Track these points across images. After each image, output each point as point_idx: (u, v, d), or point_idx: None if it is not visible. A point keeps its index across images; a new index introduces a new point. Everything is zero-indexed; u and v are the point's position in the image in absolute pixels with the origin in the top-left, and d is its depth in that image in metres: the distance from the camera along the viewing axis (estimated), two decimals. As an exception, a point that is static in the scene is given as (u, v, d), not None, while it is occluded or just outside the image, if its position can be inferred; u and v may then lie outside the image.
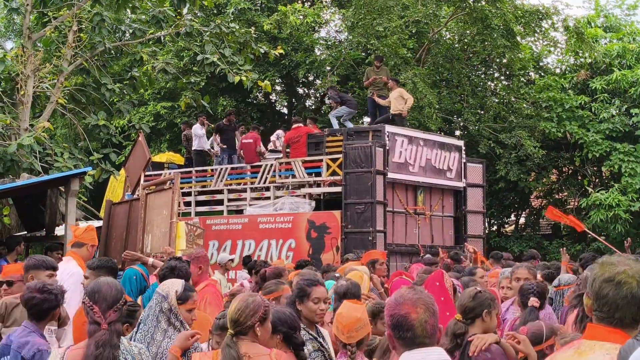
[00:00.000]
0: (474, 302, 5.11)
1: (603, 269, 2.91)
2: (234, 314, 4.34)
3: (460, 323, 5.07)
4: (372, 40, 22.94)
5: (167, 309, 5.04)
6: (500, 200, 26.78)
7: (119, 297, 4.32)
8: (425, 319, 3.21)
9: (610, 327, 2.83)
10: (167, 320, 5.04)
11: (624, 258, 2.93)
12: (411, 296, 3.29)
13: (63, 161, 14.32)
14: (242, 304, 4.39)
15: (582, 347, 2.88)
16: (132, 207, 12.52)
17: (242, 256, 16.31)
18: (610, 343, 2.77)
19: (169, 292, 5.11)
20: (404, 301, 3.27)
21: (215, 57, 16.37)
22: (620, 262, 2.89)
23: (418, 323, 3.19)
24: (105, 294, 4.28)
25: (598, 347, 2.80)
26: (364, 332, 4.64)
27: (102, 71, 16.26)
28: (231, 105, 25.68)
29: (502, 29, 23.95)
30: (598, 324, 2.89)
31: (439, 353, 3.22)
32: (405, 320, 3.20)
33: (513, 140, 23.73)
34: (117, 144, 17.30)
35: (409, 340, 3.19)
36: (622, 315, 2.82)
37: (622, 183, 22.56)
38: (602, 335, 2.83)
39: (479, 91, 26.13)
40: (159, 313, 5.04)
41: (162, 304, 5.06)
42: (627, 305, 2.80)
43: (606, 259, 2.97)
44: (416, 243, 17.23)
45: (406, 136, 17.42)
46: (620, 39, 26.44)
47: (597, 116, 24.05)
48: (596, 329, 2.88)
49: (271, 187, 17.85)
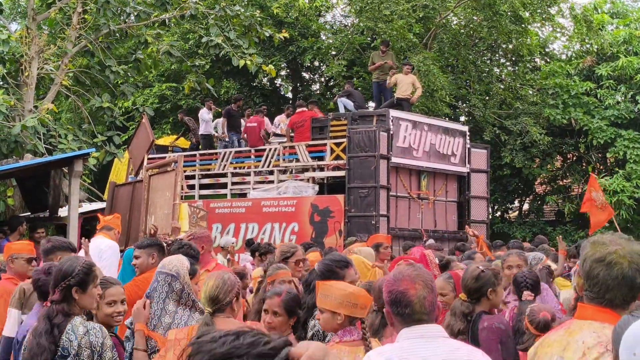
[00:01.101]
0: (478, 282, 5.12)
1: (594, 248, 2.88)
2: (213, 291, 4.34)
3: (466, 303, 5.10)
4: (380, 24, 22.88)
5: (180, 288, 4.74)
6: (504, 185, 26.76)
7: (65, 276, 4.29)
8: (424, 295, 3.21)
9: (600, 307, 2.82)
10: (177, 301, 4.73)
11: (616, 237, 2.90)
12: (410, 272, 3.29)
13: (67, 143, 14.35)
14: (219, 281, 4.39)
15: (572, 326, 2.87)
16: (135, 189, 12.57)
17: (245, 239, 16.33)
18: (599, 322, 2.76)
19: (179, 270, 4.79)
20: (402, 277, 3.26)
21: (220, 39, 16.34)
22: (612, 241, 2.86)
23: (417, 299, 3.19)
24: (56, 272, 4.31)
25: (587, 326, 2.79)
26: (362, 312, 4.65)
27: (107, 53, 16.25)
28: (235, 88, 25.67)
29: (510, 16, 23.88)
30: (588, 303, 2.88)
31: (437, 330, 3.22)
32: (404, 296, 3.20)
33: (518, 127, 23.69)
34: (121, 126, 17.32)
35: (407, 317, 3.19)
36: (612, 296, 2.80)
37: (627, 169, 22.53)
38: (592, 315, 2.82)
39: (485, 77, 26.06)
40: (169, 294, 4.73)
41: (173, 284, 4.74)
42: (617, 286, 2.78)
43: (597, 239, 2.93)
44: (419, 228, 17.24)
45: (410, 121, 17.39)
46: (626, 25, 26.32)
47: (603, 103, 23.98)
48: (586, 309, 2.87)
49: (275, 171, 17.86)
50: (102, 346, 4.24)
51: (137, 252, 6.72)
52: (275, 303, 4.83)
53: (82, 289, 4.38)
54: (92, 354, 4.20)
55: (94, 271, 4.52)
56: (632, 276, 2.77)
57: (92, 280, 4.46)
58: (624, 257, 2.79)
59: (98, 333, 4.27)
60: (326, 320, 4.27)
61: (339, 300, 4.20)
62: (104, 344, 4.26)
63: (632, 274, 2.77)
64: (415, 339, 3.14)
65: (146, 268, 6.58)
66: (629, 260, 2.78)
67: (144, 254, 6.57)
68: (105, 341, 4.27)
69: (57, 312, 4.26)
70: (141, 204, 11.70)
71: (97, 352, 4.22)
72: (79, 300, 4.38)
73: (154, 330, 4.67)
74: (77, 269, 4.38)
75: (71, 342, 4.16)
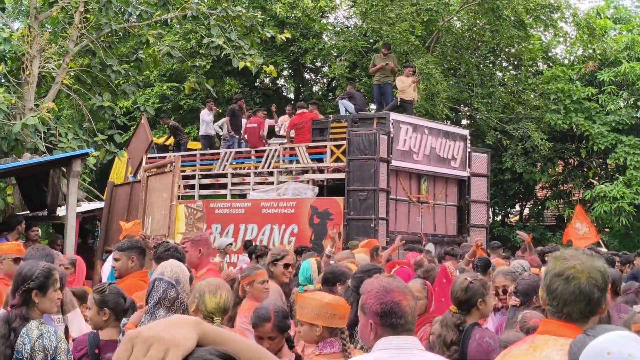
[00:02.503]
0: (467, 294, 5.13)
1: (555, 263, 2.91)
2: (227, 303, 4.33)
3: (457, 314, 5.10)
4: (385, 26, 22.90)
5: (174, 297, 4.49)
6: (504, 190, 26.76)
7: (24, 280, 4.29)
8: (413, 305, 3.28)
9: (562, 321, 2.84)
10: (168, 307, 4.49)
11: (579, 252, 2.94)
12: (398, 284, 3.33)
13: (67, 142, 14.36)
14: (230, 293, 4.40)
15: (537, 341, 2.87)
16: (134, 189, 12.57)
17: (244, 240, 16.33)
18: (564, 338, 2.75)
19: (179, 277, 4.57)
20: (392, 289, 3.27)
21: (221, 40, 16.34)
22: (573, 256, 2.89)
23: (409, 309, 3.23)
24: (15, 276, 4.31)
25: (552, 342, 2.80)
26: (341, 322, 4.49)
27: (108, 52, 16.25)
28: (237, 88, 25.69)
29: (513, 20, 23.90)
30: (551, 318, 2.90)
31: (413, 342, 3.23)
32: (398, 307, 3.22)
33: (520, 132, 23.69)
34: (122, 126, 17.33)
35: (400, 327, 3.20)
36: (570, 310, 2.83)
37: (627, 176, 22.52)
38: (555, 330, 2.83)
39: (487, 80, 26.07)
40: (161, 301, 4.50)
41: (168, 291, 4.51)
42: (574, 301, 2.81)
43: (560, 254, 2.97)
44: (419, 231, 17.23)
45: (411, 124, 17.39)
46: (629, 31, 26.34)
47: (604, 108, 23.98)
48: (549, 323, 2.89)
49: (275, 172, 17.87)
50: (55, 350, 4.21)
51: (116, 254, 6.70)
52: (268, 330, 4.68)
53: (42, 292, 4.37)
54: (45, 357, 4.18)
55: (54, 275, 4.52)
56: (589, 291, 2.79)
57: (52, 284, 4.46)
58: (582, 272, 2.82)
59: (52, 337, 4.24)
60: (305, 332, 4.20)
61: (316, 311, 4.13)
62: (58, 348, 4.23)
63: (589, 289, 2.79)
64: (391, 350, 3.14)
65: (125, 271, 6.55)
66: (587, 276, 2.81)
67: (124, 256, 6.57)
68: (59, 345, 4.24)
69: (16, 316, 4.26)
70: (139, 204, 11.70)
71: (50, 355, 4.19)
72: (39, 303, 4.37)
73: None
74: (37, 272, 4.38)
75: (24, 345, 4.15)
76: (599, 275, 2.82)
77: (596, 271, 2.83)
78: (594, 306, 2.82)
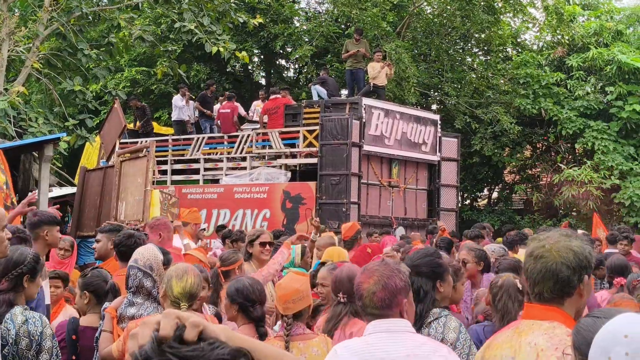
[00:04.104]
0: None
1: (530, 243, 2.93)
2: (194, 288, 4.31)
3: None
4: (355, 10, 22.91)
5: (150, 286, 4.64)
6: (473, 174, 26.98)
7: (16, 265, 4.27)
8: (374, 290, 3.25)
9: (543, 304, 2.83)
10: (146, 295, 4.66)
11: (556, 233, 2.91)
12: (372, 267, 3.37)
13: (38, 126, 14.25)
14: (198, 278, 4.38)
15: (521, 326, 2.88)
16: (107, 174, 12.52)
17: (217, 225, 16.35)
18: (548, 322, 2.77)
19: (152, 264, 4.68)
20: (364, 271, 3.36)
21: (193, 25, 16.26)
22: (549, 237, 2.88)
23: (366, 293, 3.26)
24: (6, 261, 4.27)
25: (536, 326, 2.80)
26: (303, 304, 4.48)
27: (79, 36, 16.09)
28: (205, 73, 25.59)
29: (483, 6, 24.03)
30: (531, 301, 2.90)
31: (404, 325, 3.25)
32: (358, 289, 3.30)
33: (489, 116, 23.88)
34: (93, 110, 17.21)
35: (362, 309, 3.31)
36: (540, 289, 2.82)
37: (595, 160, 22.79)
38: (539, 314, 2.83)
39: (457, 66, 26.24)
40: (139, 289, 4.64)
41: (144, 280, 4.64)
42: (542, 280, 2.80)
43: (537, 235, 2.98)
44: (389, 215, 17.38)
45: (383, 109, 17.49)
46: (597, 17, 26.60)
47: (572, 93, 24.22)
48: (532, 308, 2.89)
49: (247, 157, 17.91)
50: (41, 335, 4.16)
51: (98, 236, 6.76)
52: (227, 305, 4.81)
53: (32, 277, 4.36)
54: (30, 343, 4.13)
55: (42, 261, 4.53)
56: (555, 269, 2.77)
57: (40, 269, 4.46)
58: (549, 251, 2.81)
59: (37, 322, 4.19)
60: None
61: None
62: (44, 333, 4.18)
63: (555, 267, 2.77)
64: (381, 333, 3.19)
65: (105, 253, 6.62)
66: (556, 254, 2.79)
67: (105, 238, 6.61)
68: (44, 330, 4.19)
69: (2, 301, 4.21)
70: (112, 189, 11.66)
71: (35, 341, 4.15)
72: (28, 288, 4.35)
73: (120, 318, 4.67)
74: (29, 257, 4.35)
75: (9, 331, 4.09)
76: (571, 254, 2.78)
77: (567, 250, 2.80)
78: (564, 285, 2.78)
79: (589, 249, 2.86)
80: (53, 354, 4.23)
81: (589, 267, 2.82)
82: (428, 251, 4.38)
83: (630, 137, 23.45)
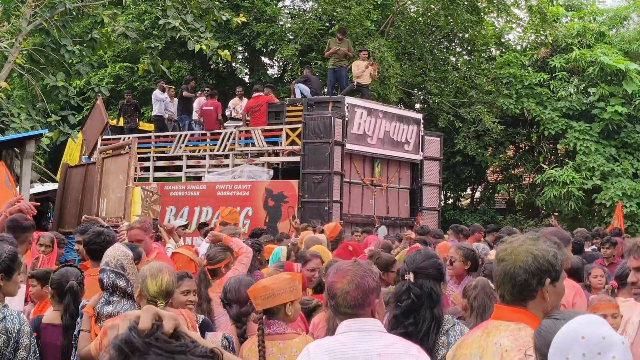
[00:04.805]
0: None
1: (499, 246, 3.00)
2: (169, 286, 4.36)
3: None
4: (338, 9, 22.93)
5: (124, 285, 4.65)
6: (456, 173, 27.09)
7: None
8: (348, 289, 3.27)
9: (511, 306, 2.87)
10: (122, 294, 4.66)
11: (524, 236, 2.97)
12: (345, 266, 3.38)
13: (20, 122, 14.22)
14: (173, 277, 4.43)
15: (490, 327, 2.92)
16: (89, 171, 12.51)
17: (199, 223, 16.34)
18: (515, 323, 2.81)
19: (124, 263, 4.69)
20: (337, 270, 3.37)
21: (177, 22, 16.24)
22: (517, 239, 2.93)
23: (340, 292, 3.27)
24: None
25: (503, 327, 2.84)
26: (274, 301, 4.45)
27: (62, 32, 16.06)
28: (187, 70, 25.55)
29: (467, 5, 24.12)
30: (499, 303, 2.96)
31: (375, 324, 3.27)
32: (331, 288, 3.32)
33: (472, 115, 23.98)
34: (76, 106, 17.17)
35: (334, 309, 3.31)
36: (502, 291, 2.89)
37: (577, 161, 22.95)
38: (507, 315, 2.87)
39: (441, 65, 26.33)
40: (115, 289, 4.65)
41: (118, 281, 4.64)
42: (502, 282, 2.86)
43: (508, 237, 3.02)
44: (372, 214, 17.43)
45: (365, 108, 17.53)
46: (581, 18, 26.78)
47: (555, 94, 24.37)
48: (500, 308, 2.94)
49: (230, 155, 17.91)
50: (19, 332, 4.16)
51: (78, 237, 6.69)
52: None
53: (7, 276, 4.31)
54: (7, 340, 4.12)
55: (19, 258, 4.47)
56: (513, 273, 2.82)
57: (17, 267, 4.41)
58: (510, 254, 2.86)
59: (15, 319, 4.19)
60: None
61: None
62: (21, 330, 4.18)
63: (513, 271, 2.82)
64: (353, 333, 3.21)
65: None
66: (515, 258, 2.84)
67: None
68: (22, 327, 4.19)
69: None
70: (94, 186, 11.66)
71: (13, 338, 4.14)
72: (4, 287, 4.32)
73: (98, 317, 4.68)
74: (4, 256, 4.31)
75: None
76: (530, 257, 2.82)
77: (527, 254, 2.83)
78: (522, 288, 2.82)
79: (554, 252, 2.87)
80: (30, 351, 4.23)
81: (552, 270, 2.84)
82: (428, 253, 4.38)
83: (612, 138, 23.64)
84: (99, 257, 4.92)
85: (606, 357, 2.09)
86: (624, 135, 23.54)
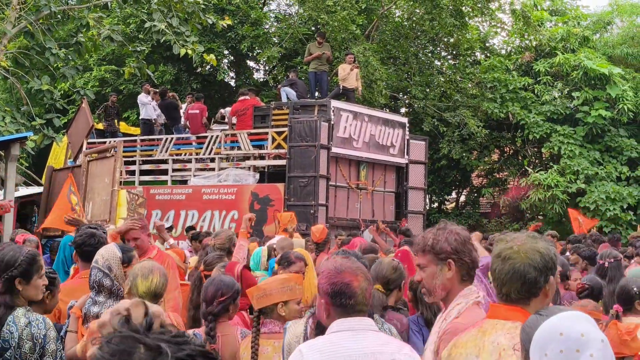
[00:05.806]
0: (396, 273, 5.31)
1: (497, 245, 2.99)
2: (158, 287, 4.38)
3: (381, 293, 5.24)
4: (322, 15, 22.96)
5: (109, 285, 4.67)
6: (441, 177, 27.19)
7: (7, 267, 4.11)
8: (365, 286, 3.32)
9: (508, 305, 2.89)
10: (108, 293, 4.68)
11: (522, 234, 2.98)
12: (350, 265, 3.40)
13: (4, 125, 14.15)
14: (163, 278, 4.44)
15: (485, 326, 2.92)
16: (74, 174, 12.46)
17: (185, 226, 16.33)
18: (512, 322, 2.82)
19: (111, 264, 4.72)
20: (344, 269, 3.36)
21: (163, 25, 16.20)
22: (516, 238, 2.94)
23: (360, 290, 3.29)
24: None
25: (500, 326, 2.85)
26: (267, 301, 4.53)
27: (47, 35, 15.98)
28: (172, 74, 25.51)
29: (451, 9, 24.22)
30: (497, 301, 2.97)
31: (368, 323, 3.30)
32: (348, 287, 3.29)
33: (457, 119, 24.08)
34: (61, 109, 17.11)
35: (350, 308, 3.28)
36: (507, 290, 2.88)
37: (561, 164, 23.08)
38: (503, 314, 2.88)
39: (426, 69, 26.41)
40: (101, 288, 4.68)
41: (104, 280, 4.68)
42: (509, 281, 2.86)
43: (504, 236, 3.04)
44: (357, 217, 17.46)
45: (351, 112, 17.57)
46: (565, 23, 26.95)
47: (540, 98, 24.53)
48: (498, 307, 2.94)
49: (216, 159, 17.89)
50: (44, 338, 4.03)
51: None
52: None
53: (25, 280, 4.16)
54: (34, 346, 3.99)
55: (38, 261, 4.30)
56: (523, 271, 2.83)
57: (37, 271, 4.24)
58: (517, 252, 2.86)
59: (41, 325, 4.06)
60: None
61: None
62: (47, 336, 4.06)
63: (523, 269, 2.83)
64: (345, 332, 3.22)
65: None
66: (523, 256, 2.85)
67: None
68: (48, 332, 4.07)
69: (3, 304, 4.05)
70: (79, 189, 11.63)
71: (39, 344, 4.01)
72: (23, 291, 4.16)
73: (85, 318, 4.68)
74: (20, 259, 4.16)
75: (12, 334, 3.95)
76: (537, 255, 2.84)
77: (534, 251, 2.86)
78: (530, 286, 2.84)
79: (554, 250, 2.93)
80: (57, 357, 4.11)
81: (554, 267, 2.89)
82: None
83: (596, 142, 23.81)
84: (91, 259, 4.89)
85: (584, 355, 2.08)
86: (608, 139, 23.71)
